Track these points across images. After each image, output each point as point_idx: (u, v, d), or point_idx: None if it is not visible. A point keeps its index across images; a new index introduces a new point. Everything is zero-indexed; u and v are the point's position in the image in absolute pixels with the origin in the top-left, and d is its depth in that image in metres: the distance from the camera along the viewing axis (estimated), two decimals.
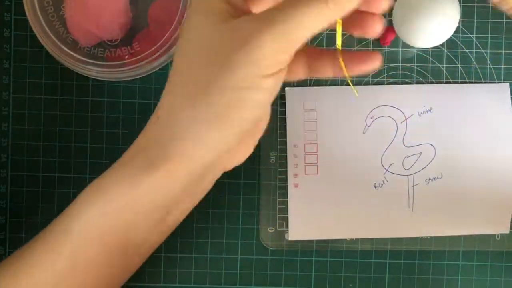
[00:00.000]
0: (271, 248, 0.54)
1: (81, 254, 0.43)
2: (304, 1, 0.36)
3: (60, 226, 0.44)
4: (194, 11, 0.39)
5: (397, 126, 0.53)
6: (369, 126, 0.53)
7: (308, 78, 0.47)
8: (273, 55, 0.37)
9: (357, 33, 0.42)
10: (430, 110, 0.53)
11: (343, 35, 0.41)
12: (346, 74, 0.42)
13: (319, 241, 0.54)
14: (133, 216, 0.43)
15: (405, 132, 0.53)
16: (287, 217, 0.54)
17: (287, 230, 0.54)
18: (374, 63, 0.42)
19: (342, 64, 0.41)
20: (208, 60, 0.38)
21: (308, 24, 0.36)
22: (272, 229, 0.54)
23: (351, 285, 0.55)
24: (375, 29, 0.41)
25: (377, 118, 0.53)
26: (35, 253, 0.44)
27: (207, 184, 0.45)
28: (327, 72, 0.44)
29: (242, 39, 0.36)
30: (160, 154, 0.41)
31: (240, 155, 0.46)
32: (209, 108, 0.38)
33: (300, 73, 0.44)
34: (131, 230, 0.44)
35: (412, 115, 0.53)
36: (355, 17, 0.41)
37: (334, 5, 0.36)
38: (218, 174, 0.45)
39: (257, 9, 0.42)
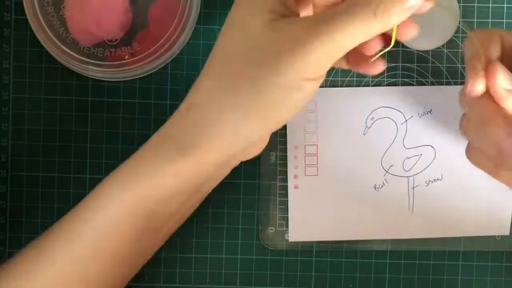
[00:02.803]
0: (271, 248, 0.54)
1: (102, 244, 0.44)
2: (352, 12, 0.38)
3: (84, 214, 0.45)
4: (242, 10, 0.40)
5: (397, 128, 0.53)
6: (369, 128, 0.53)
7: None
8: (319, 61, 0.38)
9: (361, 71, 0.45)
10: (430, 112, 0.53)
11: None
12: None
13: (319, 241, 0.54)
14: (156, 204, 0.44)
15: (405, 134, 0.53)
16: (287, 217, 0.54)
17: (287, 230, 0.54)
18: (377, 69, 0.44)
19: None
20: (258, 57, 0.39)
21: (355, 35, 0.38)
22: (272, 229, 0.54)
23: (351, 285, 0.55)
24: (378, 69, 0.44)
25: (377, 119, 0.53)
26: (55, 242, 0.45)
27: (227, 170, 0.47)
28: (342, 64, 0.46)
29: (292, 42, 0.38)
30: (191, 142, 0.42)
31: (259, 147, 0.48)
32: (253, 101, 0.40)
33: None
34: (152, 217, 0.44)
35: (412, 116, 0.53)
36: (361, 57, 0.44)
37: (381, 17, 0.38)
38: (238, 162, 0.47)
39: (306, 13, 0.44)
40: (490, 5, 0.54)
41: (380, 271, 0.55)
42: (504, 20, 0.54)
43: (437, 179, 0.54)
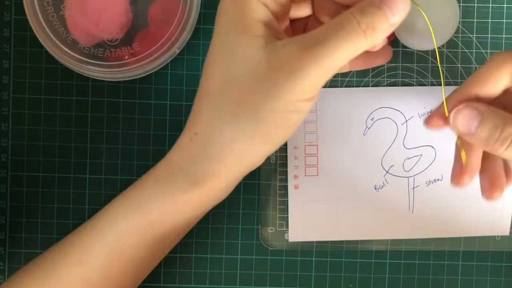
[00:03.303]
0: (271, 248, 0.54)
1: (114, 264, 0.46)
2: (343, 31, 0.39)
3: (94, 236, 0.46)
4: (232, 37, 0.41)
5: (397, 128, 0.53)
6: (369, 128, 0.53)
7: None
8: (315, 82, 0.40)
9: (367, 65, 0.48)
10: (430, 112, 0.53)
11: None
12: (463, 158, 0.45)
13: (319, 241, 0.54)
14: (166, 229, 0.46)
15: (406, 134, 0.53)
16: (287, 217, 0.54)
17: (287, 230, 0.54)
18: (385, 58, 0.47)
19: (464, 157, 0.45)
20: (255, 84, 0.40)
21: (346, 54, 0.39)
22: (272, 229, 0.54)
23: (351, 285, 0.55)
24: (388, 56, 0.48)
25: (377, 119, 0.53)
26: (67, 262, 0.46)
27: (231, 189, 0.48)
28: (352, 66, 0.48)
29: (287, 67, 0.39)
30: (202, 172, 0.43)
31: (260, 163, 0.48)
32: (255, 127, 0.41)
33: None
34: (160, 242, 0.47)
35: (413, 116, 0.53)
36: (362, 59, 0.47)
37: (370, 36, 0.39)
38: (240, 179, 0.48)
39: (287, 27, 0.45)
40: (490, 5, 0.54)
41: (380, 271, 0.55)
42: (504, 20, 0.54)
43: (438, 180, 0.54)
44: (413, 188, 0.54)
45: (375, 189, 0.54)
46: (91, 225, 0.47)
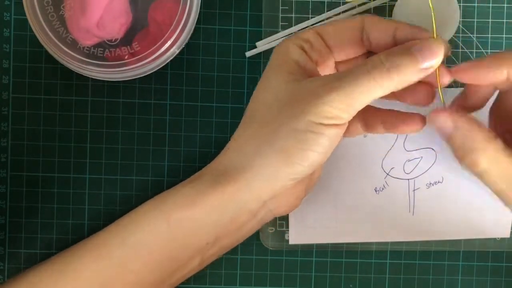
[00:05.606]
0: (271, 249, 0.54)
1: (130, 265, 0.47)
2: (364, 68, 0.42)
3: (116, 237, 0.48)
4: (273, 71, 0.46)
5: None
6: None
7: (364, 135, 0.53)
8: (336, 111, 0.42)
9: (410, 102, 0.48)
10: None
11: None
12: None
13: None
14: (186, 229, 0.47)
15: (406, 136, 0.53)
16: (287, 217, 0.54)
17: (287, 231, 0.54)
18: (416, 126, 0.47)
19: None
20: (281, 108, 0.44)
21: (368, 90, 0.42)
22: (272, 229, 0.54)
23: (351, 285, 0.55)
24: (428, 100, 0.47)
25: None
26: (84, 258, 0.48)
27: (256, 224, 0.49)
28: (379, 129, 0.48)
29: (312, 95, 0.42)
30: (223, 176, 0.46)
31: (290, 204, 0.49)
32: (272, 143, 0.44)
33: (358, 130, 0.49)
34: (182, 245, 0.48)
35: None
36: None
37: (394, 74, 0.42)
38: (268, 217, 0.49)
39: (323, 72, 0.48)
40: (490, 5, 0.54)
41: (380, 271, 0.55)
42: (504, 20, 0.54)
43: (438, 182, 0.54)
44: (414, 190, 0.54)
45: (376, 191, 0.54)
46: (116, 225, 0.49)
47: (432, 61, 0.42)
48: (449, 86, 0.54)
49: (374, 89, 0.42)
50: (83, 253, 0.48)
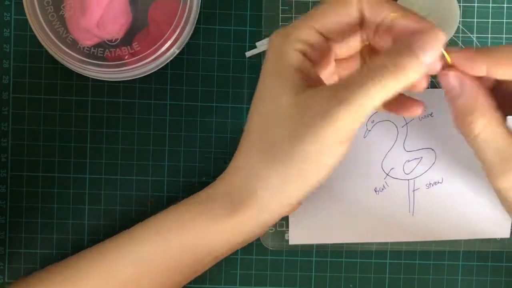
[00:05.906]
0: (271, 249, 0.54)
1: (146, 273, 0.47)
2: (369, 74, 0.40)
3: (129, 246, 0.47)
4: (272, 82, 0.43)
5: (397, 131, 0.53)
6: (369, 130, 0.53)
7: None
8: (347, 127, 0.40)
9: (398, 113, 0.46)
10: (430, 115, 0.53)
11: None
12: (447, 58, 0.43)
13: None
14: (199, 254, 0.47)
15: (406, 137, 0.53)
16: (287, 217, 0.54)
17: (287, 231, 0.54)
18: (415, 111, 0.46)
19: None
20: (290, 128, 0.41)
21: (376, 95, 0.40)
22: (272, 229, 0.54)
23: (351, 285, 0.55)
24: (417, 112, 0.46)
25: (378, 122, 0.53)
26: (96, 269, 0.48)
27: (266, 228, 0.48)
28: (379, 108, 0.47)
29: (320, 113, 0.40)
30: (239, 201, 0.44)
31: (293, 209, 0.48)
32: (288, 167, 0.42)
33: None
34: (194, 264, 0.48)
35: (413, 119, 0.53)
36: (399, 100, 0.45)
37: (399, 75, 0.40)
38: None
39: (327, 78, 0.46)
40: (490, 5, 0.54)
41: (380, 271, 0.55)
42: (504, 20, 0.54)
43: (438, 182, 0.54)
44: (413, 190, 0.54)
45: (376, 192, 0.54)
46: (128, 236, 0.48)
47: (435, 56, 0.40)
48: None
49: (382, 94, 0.40)
50: (93, 264, 0.48)
